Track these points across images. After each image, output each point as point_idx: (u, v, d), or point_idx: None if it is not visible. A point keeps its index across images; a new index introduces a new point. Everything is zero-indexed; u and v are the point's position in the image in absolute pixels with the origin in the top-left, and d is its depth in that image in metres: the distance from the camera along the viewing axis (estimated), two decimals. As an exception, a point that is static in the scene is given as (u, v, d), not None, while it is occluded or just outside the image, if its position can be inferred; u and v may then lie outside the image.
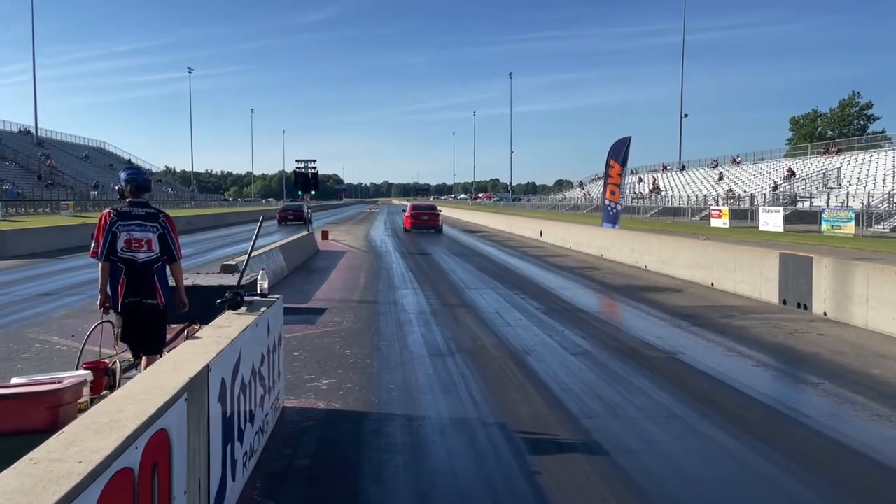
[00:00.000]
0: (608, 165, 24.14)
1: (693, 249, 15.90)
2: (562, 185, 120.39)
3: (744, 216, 38.91)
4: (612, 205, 23.88)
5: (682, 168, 70.64)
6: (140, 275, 5.04)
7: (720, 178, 58.36)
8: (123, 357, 5.17)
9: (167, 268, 5.24)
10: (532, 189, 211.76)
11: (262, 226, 6.38)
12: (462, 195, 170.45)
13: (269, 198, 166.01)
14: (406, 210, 37.94)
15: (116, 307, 5.09)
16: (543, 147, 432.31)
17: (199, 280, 9.70)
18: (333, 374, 7.01)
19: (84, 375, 3.80)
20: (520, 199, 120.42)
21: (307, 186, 25.99)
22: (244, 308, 4.94)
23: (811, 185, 44.03)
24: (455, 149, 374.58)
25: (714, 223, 38.18)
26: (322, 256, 21.18)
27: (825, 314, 10.47)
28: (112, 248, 5.01)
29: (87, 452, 2.13)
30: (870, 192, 35.39)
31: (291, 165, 26.98)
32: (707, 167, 65.66)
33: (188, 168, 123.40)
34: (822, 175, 44.67)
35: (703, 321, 10.23)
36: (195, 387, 3.10)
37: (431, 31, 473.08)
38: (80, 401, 3.60)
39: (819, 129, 76.38)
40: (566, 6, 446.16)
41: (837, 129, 73.43)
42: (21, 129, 76.31)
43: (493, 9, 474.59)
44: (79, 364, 4.64)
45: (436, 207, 37.93)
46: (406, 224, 35.18)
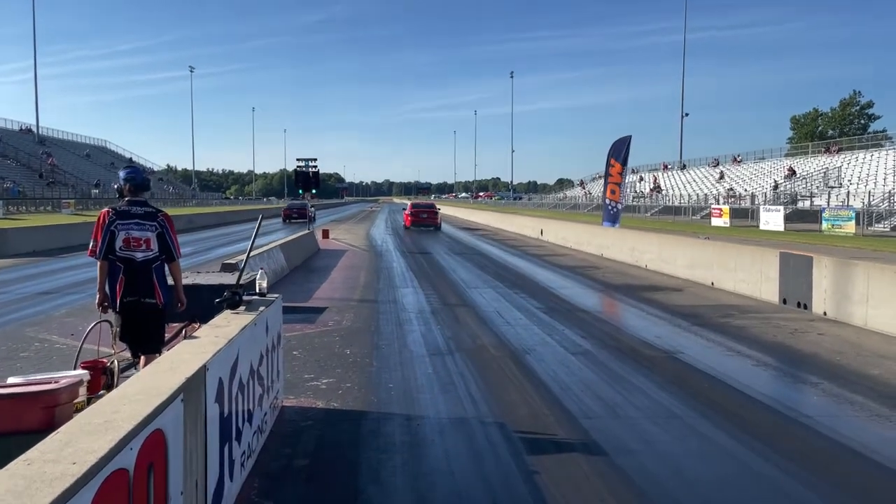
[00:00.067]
0: (608, 164, 24.13)
1: (693, 248, 15.89)
2: (563, 184, 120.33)
3: (744, 215, 38.86)
4: (613, 204, 23.86)
5: (683, 167, 70.58)
6: (138, 274, 5.04)
7: (721, 177, 58.31)
8: (122, 356, 5.16)
9: (166, 267, 5.23)
10: (533, 188, 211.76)
11: (262, 224, 6.37)
12: (463, 194, 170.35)
13: (271, 196, 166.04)
14: (406, 208, 39.35)
15: (115, 306, 5.08)
16: (544, 146, 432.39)
17: (200, 279, 9.69)
18: (333, 374, 7.00)
19: (80, 375, 3.79)
20: (521, 198, 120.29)
21: (308, 185, 26.00)
22: (243, 307, 4.93)
23: (812, 185, 43.99)
24: (456, 148, 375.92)
25: (715, 222, 38.15)
26: (322, 255, 21.18)
27: (825, 314, 10.46)
28: (110, 247, 5.01)
29: (82, 453, 2.12)
30: (870, 192, 35.34)
31: (293, 164, 27.02)
32: (708, 166, 65.60)
33: (189, 166, 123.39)
34: (823, 174, 44.61)
35: (703, 320, 10.22)
36: (192, 387, 3.09)
37: (433, 31, 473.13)
38: (77, 400, 3.59)
39: (820, 129, 76.27)
40: (567, 5, 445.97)
41: (838, 129, 73.32)
42: (22, 128, 76.32)
43: (495, 8, 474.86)
44: (77, 363, 4.64)
45: (434, 206, 39.24)
46: (406, 222, 36.51)
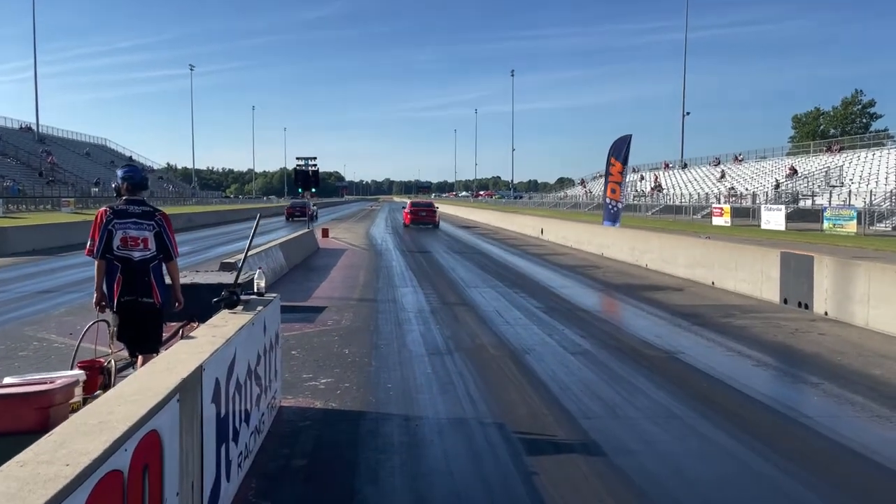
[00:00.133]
0: (609, 163, 24.09)
1: (694, 248, 15.86)
2: (563, 183, 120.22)
3: (745, 214, 38.80)
4: (613, 203, 23.83)
5: (684, 166, 70.52)
6: (136, 273, 5.02)
7: (722, 176, 58.25)
8: (119, 356, 5.14)
9: (163, 266, 5.21)
10: (534, 187, 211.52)
11: (263, 223, 6.36)
12: (463, 193, 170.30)
13: (271, 195, 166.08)
14: (406, 207, 40.92)
15: (112, 306, 5.06)
16: (545, 145, 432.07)
17: (198, 278, 9.66)
18: (331, 373, 6.99)
19: (76, 376, 3.77)
20: (521, 197, 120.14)
21: (307, 184, 25.95)
22: (240, 307, 4.92)
23: (813, 184, 43.92)
24: (457, 146, 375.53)
25: (716, 221, 38.10)
26: (322, 254, 21.16)
27: (826, 314, 10.43)
28: (108, 247, 4.99)
29: (76, 455, 2.11)
30: (872, 191, 35.28)
31: (293, 162, 26.95)
32: (709, 165, 65.52)
33: (189, 165, 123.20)
34: (825, 173, 44.55)
35: (704, 320, 10.20)
36: (188, 387, 3.07)
37: (434, 29, 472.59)
38: (73, 401, 3.58)
39: (822, 128, 76.16)
40: (568, 4, 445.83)
41: (840, 128, 73.21)
42: (22, 126, 76.25)
43: (496, 6, 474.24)
44: (73, 363, 4.62)
45: (433, 205, 40.55)
46: (405, 220, 38.00)
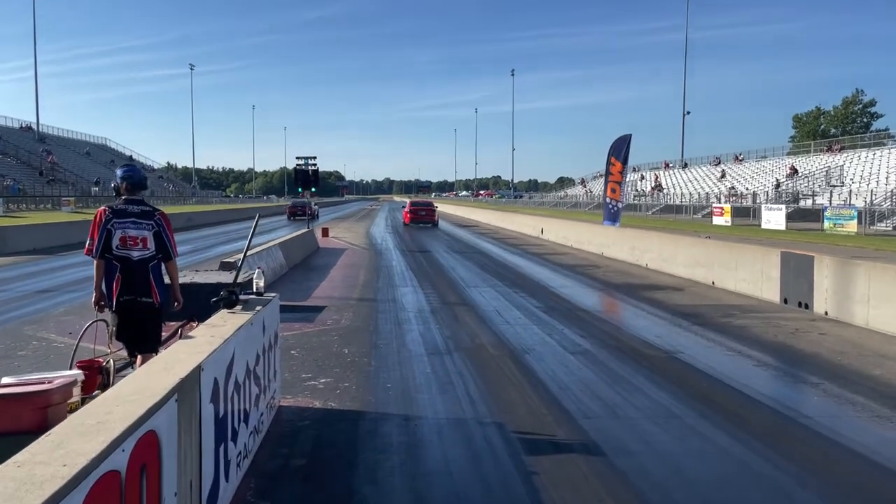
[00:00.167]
0: (609, 163, 24.07)
1: (694, 247, 15.85)
2: (563, 183, 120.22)
3: (746, 214, 38.77)
4: (613, 203, 23.81)
5: (685, 165, 70.49)
6: (135, 273, 5.01)
7: (722, 176, 58.23)
8: (118, 355, 5.14)
9: (163, 266, 5.20)
10: (534, 186, 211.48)
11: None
12: (464, 192, 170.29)
13: (271, 194, 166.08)
14: (406, 206, 41.95)
15: (111, 305, 5.06)
16: (545, 144, 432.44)
17: (198, 278, 9.66)
18: (331, 373, 6.98)
19: (74, 375, 3.76)
20: (521, 197, 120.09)
21: (307, 183, 25.92)
22: (239, 307, 4.91)
23: (814, 183, 43.90)
24: (457, 146, 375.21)
25: (716, 221, 38.09)
26: (322, 254, 21.15)
27: (826, 313, 10.42)
28: (107, 246, 4.98)
29: (73, 455, 2.10)
30: (872, 191, 35.27)
31: (293, 162, 26.92)
32: (709, 165, 65.51)
33: (190, 164, 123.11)
34: (825, 173, 44.54)
35: (704, 320, 10.19)
36: (186, 387, 3.07)
37: (434, 29, 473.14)
38: (72, 400, 3.57)
39: (822, 127, 76.06)
40: (568, 4, 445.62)
41: (841, 127, 73.11)
42: (22, 126, 76.23)
43: (496, 6, 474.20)
44: (72, 363, 4.61)
45: (432, 204, 41.45)
46: (405, 219, 38.97)
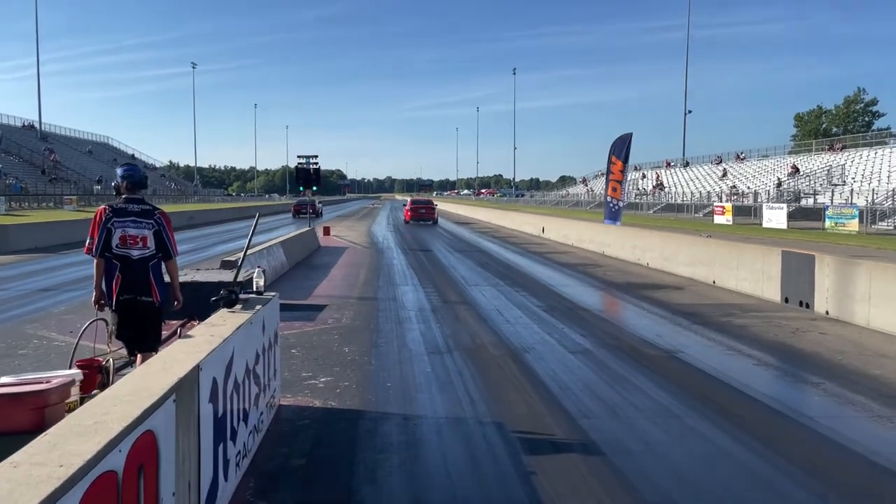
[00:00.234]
0: (610, 162, 24.05)
1: (695, 246, 15.84)
2: (565, 182, 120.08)
3: (747, 213, 38.71)
4: (614, 201, 23.79)
5: (686, 164, 70.40)
6: (135, 272, 5.01)
7: (724, 175, 58.15)
8: (118, 354, 5.14)
9: (163, 265, 5.21)
10: (535, 185, 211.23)
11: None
12: (465, 191, 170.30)
13: (273, 193, 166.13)
14: (407, 204, 43.68)
15: (111, 304, 5.06)
16: (547, 143, 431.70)
17: (199, 276, 9.69)
18: (331, 372, 6.98)
19: (72, 375, 3.77)
20: (523, 195, 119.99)
21: (309, 182, 25.93)
22: (239, 306, 4.91)
23: (815, 182, 43.82)
24: (458, 145, 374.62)
25: (717, 220, 38.07)
26: (323, 252, 21.16)
27: (827, 313, 10.41)
28: (107, 245, 4.98)
29: (69, 456, 2.10)
30: (874, 190, 35.18)
31: (295, 161, 26.92)
32: (711, 163, 65.42)
33: (192, 163, 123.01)
34: (827, 172, 44.45)
35: (704, 319, 10.18)
36: (184, 387, 3.07)
37: (436, 28, 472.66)
38: (70, 400, 3.57)
39: (824, 126, 75.93)
40: (570, 2, 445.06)
41: (842, 126, 72.96)
42: (25, 124, 76.27)
43: (498, 5, 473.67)
44: (72, 362, 4.62)
45: (432, 203, 43.40)
46: (406, 216, 40.88)
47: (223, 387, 3.77)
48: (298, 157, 26.18)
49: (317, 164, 26.07)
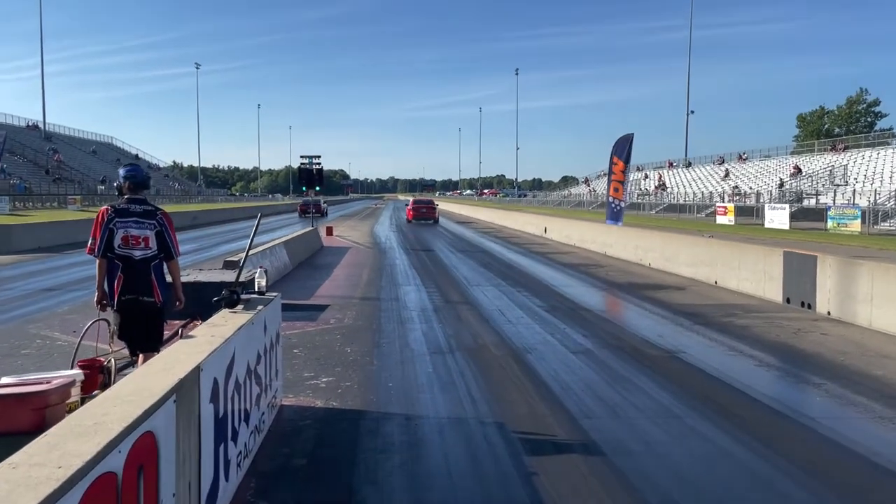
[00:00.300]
0: (611, 162, 24.03)
1: (697, 247, 15.82)
2: (567, 182, 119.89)
3: (749, 213, 38.67)
4: (616, 202, 23.77)
5: (688, 165, 70.30)
6: (137, 272, 5.02)
7: (726, 175, 58.06)
8: (120, 355, 5.15)
9: (165, 265, 5.22)
10: (538, 185, 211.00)
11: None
12: (468, 191, 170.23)
13: (276, 193, 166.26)
14: (409, 204, 46.21)
15: (113, 304, 5.07)
16: (549, 143, 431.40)
17: (202, 276, 9.71)
18: (333, 372, 6.99)
19: (73, 376, 3.77)
20: (525, 196, 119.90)
21: (311, 182, 25.99)
22: (241, 306, 4.92)
23: (817, 183, 43.74)
24: (461, 145, 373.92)
25: (719, 220, 38.01)
26: (326, 252, 21.18)
27: (829, 313, 10.39)
28: (109, 245, 5.00)
29: (69, 457, 2.11)
30: (876, 190, 35.11)
31: (298, 161, 26.96)
32: (713, 164, 65.33)
33: (195, 163, 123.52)
34: (829, 172, 44.37)
35: (706, 320, 10.16)
36: (185, 388, 3.07)
37: (438, 28, 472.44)
38: (71, 400, 3.58)
39: (826, 126, 75.78)
40: (572, 2, 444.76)
41: (845, 126, 72.83)
42: (29, 124, 76.44)
43: (498, 5, 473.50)
44: (74, 362, 4.63)
45: (433, 202, 45.56)
46: (408, 215, 43.07)
47: (224, 387, 3.78)
48: (301, 158, 26.25)
49: (319, 165, 26.13)
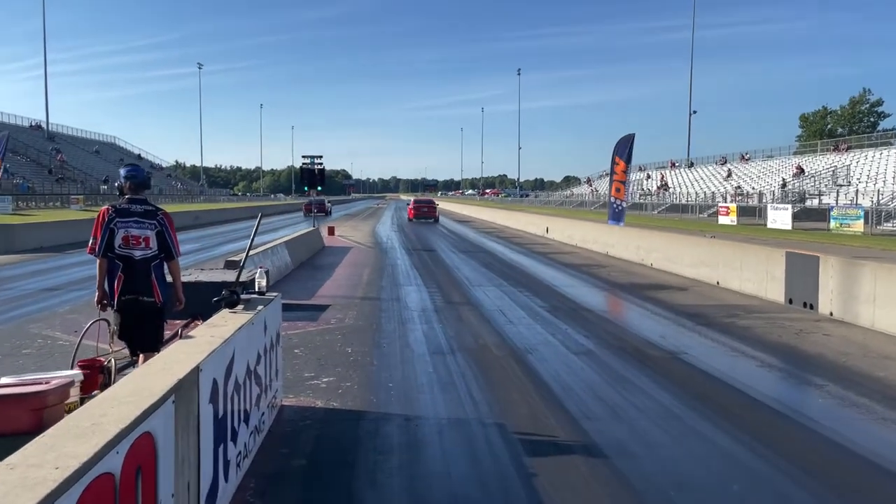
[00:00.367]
0: (613, 162, 23.99)
1: (699, 247, 15.79)
2: (569, 182, 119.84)
3: (752, 213, 38.59)
4: (618, 202, 23.74)
5: (691, 165, 70.21)
6: (137, 272, 5.02)
7: (728, 175, 57.99)
8: (120, 355, 5.15)
9: (165, 265, 5.21)
10: (540, 185, 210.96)
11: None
12: (470, 191, 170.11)
13: (279, 192, 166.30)
14: (410, 204, 47.68)
15: (113, 304, 5.07)
16: (551, 143, 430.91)
17: (203, 276, 9.72)
18: (333, 372, 6.98)
19: (72, 376, 3.77)
20: (527, 196, 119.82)
21: (313, 182, 26.01)
22: (241, 306, 4.91)
23: (820, 183, 43.66)
24: (463, 145, 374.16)
25: (722, 220, 37.94)
26: (327, 252, 21.18)
27: (831, 314, 10.36)
28: (109, 245, 4.99)
29: (66, 458, 2.10)
30: (879, 190, 35.02)
31: (300, 160, 26.98)
32: (715, 164, 65.26)
33: (198, 163, 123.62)
34: (832, 172, 44.28)
35: (708, 320, 10.14)
36: (184, 388, 3.07)
37: (440, 28, 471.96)
38: (70, 401, 3.58)
39: (829, 127, 75.64)
40: (574, 2, 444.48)
41: (847, 126, 72.69)
42: (32, 124, 76.52)
43: (499, 5, 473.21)
44: (73, 362, 4.62)
45: (433, 202, 47.13)
46: (409, 215, 44.53)
47: (224, 388, 3.78)
48: (303, 158, 26.27)
49: (321, 165, 26.15)
